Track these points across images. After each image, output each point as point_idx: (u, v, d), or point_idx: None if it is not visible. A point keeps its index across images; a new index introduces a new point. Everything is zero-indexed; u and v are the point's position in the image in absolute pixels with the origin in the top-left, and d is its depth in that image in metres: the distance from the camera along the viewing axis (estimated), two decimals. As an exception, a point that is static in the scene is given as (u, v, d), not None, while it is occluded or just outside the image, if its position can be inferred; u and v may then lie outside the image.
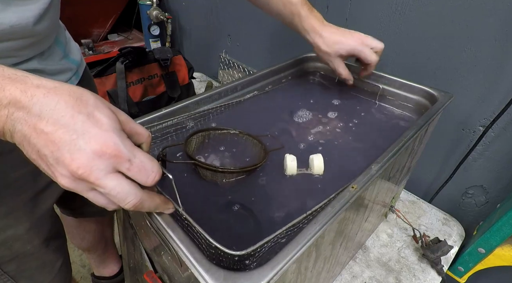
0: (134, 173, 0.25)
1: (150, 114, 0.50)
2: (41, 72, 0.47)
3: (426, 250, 0.68)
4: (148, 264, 0.47)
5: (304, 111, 0.62)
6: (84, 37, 1.56)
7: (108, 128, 0.24)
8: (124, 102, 1.14)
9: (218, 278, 0.27)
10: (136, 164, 0.25)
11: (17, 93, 0.23)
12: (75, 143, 0.23)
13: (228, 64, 1.43)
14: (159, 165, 0.27)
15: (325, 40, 0.58)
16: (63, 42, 0.54)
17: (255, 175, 0.46)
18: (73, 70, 0.55)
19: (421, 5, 0.73)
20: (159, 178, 0.27)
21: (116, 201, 0.25)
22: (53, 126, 0.23)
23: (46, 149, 0.23)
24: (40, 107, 0.23)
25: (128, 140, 0.26)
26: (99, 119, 0.24)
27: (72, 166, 0.23)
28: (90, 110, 0.24)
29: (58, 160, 0.23)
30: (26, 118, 0.23)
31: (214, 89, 0.58)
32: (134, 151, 0.25)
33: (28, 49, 0.43)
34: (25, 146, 0.24)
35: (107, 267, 0.97)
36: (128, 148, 0.25)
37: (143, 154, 0.26)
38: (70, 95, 0.24)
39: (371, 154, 0.51)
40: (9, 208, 0.48)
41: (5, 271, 0.52)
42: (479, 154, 0.76)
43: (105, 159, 0.23)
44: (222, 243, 0.28)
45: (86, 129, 0.23)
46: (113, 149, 0.24)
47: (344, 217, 0.41)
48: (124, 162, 0.24)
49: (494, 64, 0.67)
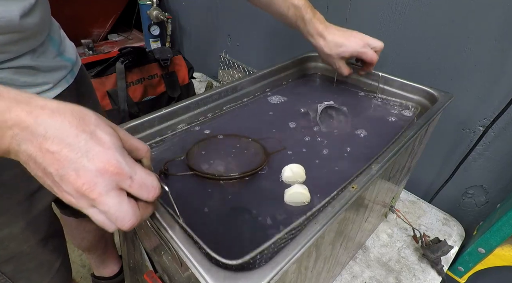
0: (136, 190, 0.26)
1: (150, 115, 0.50)
2: (35, 69, 0.47)
3: (426, 250, 0.68)
4: (148, 264, 0.47)
5: (304, 112, 0.62)
6: (84, 37, 1.56)
7: (110, 146, 0.25)
8: (124, 102, 1.14)
9: (218, 278, 0.27)
10: (137, 181, 0.26)
11: (22, 114, 0.24)
12: (79, 161, 0.24)
13: (228, 64, 1.43)
14: (158, 179, 0.28)
15: (328, 43, 0.59)
16: (57, 40, 0.54)
17: (259, 177, 0.46)
18: (68, 68, 0.55)
19: (421, 5, 0.73)
20: (159, 192, 0.28)
21: (114, 220, 0.26)
22: (58, 146, 0.24)
23: (52, 167, 0.24)
24: (45, 128, 0.24)
25: (129, 157, 0.26)
26: (101, 138, 0.25)
27: (77, 183, 0.24)
28: (92, 129, 0.25)
29: (63, 177, 0.24)
30: (31, 139, 0.24)
31: (214, 89, 0.58)
32: (135, 168, 0.26)
33: (18, 45, 0.43)
34: (31, 164, 0.25)
35: (107, 267, 0.97)
36: (129, 165, 0.26)
37: (143, 170, 0.27)
38: (73, 115, 0.25)
39: (371, 154, 0.51)
40: (3, 208, 0.48)
41: (3, 272, 0.51)
42: (479, 154, 0.76)
43: (108, 176, 0.24)
44: (226, 246, 0.28)
45: (89, 148, 0.24)
46: (115, 166, 0.25)
47: (344, 217, 0.41)
48: (126, 179, 0.25)
49: (494, 64, 0.67)
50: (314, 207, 0.38)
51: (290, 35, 1.11)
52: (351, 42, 0.59)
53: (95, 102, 0.69)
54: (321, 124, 0.58)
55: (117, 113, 1.14)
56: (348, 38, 0.59)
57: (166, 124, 0.52)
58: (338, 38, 0.59)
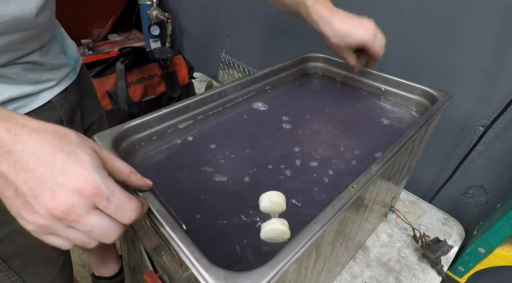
0: (112, 211, 0.25)
1: (150, 115, 0.50)
2: (42, 66, 0.48)
3: (426, 250, 0.68)
4: (148, 264, 0.47)
5: (304, 112, 0.62)
6: (84, 37, 1.56)
7: (89, 166, 0.24)
8: (124, 102, 1.14)
9: (218, 278, 0.27)
10: (114, 202, 0.25)
11: (1, 131, 0.23)
12: (56, 180, 0.23)
13: (228, 64, 1.43)
14: (138, 203, 0.27)
15: (336, 32, 0.54)
16: (60, 38, 0.55)
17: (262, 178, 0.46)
18: (71, 66, 0.56)
19: (421, 5, 0.73)
20: (137, 216, 0.27)
21: (98, 237, 0.25)
22: (33, 164, 0.23)
23: (25, 187, 0.23)
24: (22, 146, 0.23)
25: (109, 178, 0.26)
26: (80, 157, 0.24)
27: (53, 204, 0.23)
28: (72, 148, 0.24)
29: (37, 197, 0.23)
30: (6, 156, 0.23)
31: (214, 89, 0.58)
32: (114, 189, 0.25)
33: (29, 42, 0.44)
34: (1, 183, 0.24)
35: (107, 267, 0.97)
36: (107, 186, 0.25)
37: (123, 193, 0.26)
38: (53, 135, 0.24)
39: (371, 154, 0.51)
40: None
41: (10, 267, 0.52)
42: (479, 154, 0.76)
43: (84, 196, 0.24)
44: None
45: (67, 167, 0.23)
46: (92, 186, 0.24)
47: (344, 217, 0.41)
48: (103, 200, 0.24)
49: (494, 64, 0.67)
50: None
51: (290, 36, 1.11)
52: (361, 30, 0.53)
53: (96, 101, 0.69)
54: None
55: (117, 113, 1.14)
56: (358, 25, 0.54)
57: (166, 124, 0.52)
58: (347, 25, 0.53)
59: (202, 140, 0.52)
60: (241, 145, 0.52)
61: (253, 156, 0.50)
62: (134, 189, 0.34)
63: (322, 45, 0.98)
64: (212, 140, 0.52)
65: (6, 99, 0.44)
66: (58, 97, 0.53)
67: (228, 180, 0.45)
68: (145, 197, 0.34)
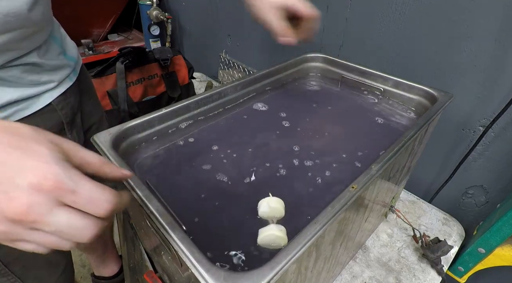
0: (82, 205, 0.23)
1: (150, 114, 0.50)
2: (41, 67, 0.48)
3: (426, 250, 0.68)
4: (148, 264, 0.47)
5: (304, 112, 0.62)
6: (84, 37, 1.56)
7: (48, 159, 0.22)
8: (124, 102, 1.14)
9: (218, 278, 0.27)
10: (83, 195, 0.22)
11: None
12: (11, 181, 0.21)
13: (228, 64, 1.43)
14: (115, 193, 0.24)
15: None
16: (59, 38, 0.54)
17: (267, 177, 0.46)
18: (71, 67, 0.56)
19: (421, 5, 0.73)
20: (114, 207, 0.24)
21: (71, 237, 0.23)
22: None
23: None
24: None
25: (74, 170, 0.23)
26: (36, 152, 0.22)
27: (9, 207, 0.20)
28: (26, 144, 0.22)
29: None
30: None
31: (214, 89, 0.58)
32: (80, 181, 0.23)
33: (26, 41, 0.44)
34: None
35: (107, 267, 0.97)
36: (71, 178, 0.22)
37: (92, 183, 0.23)
38: (5, 132, 0.22)
39: (371, 154, 0.51)
40: None
41: (12, 271, 0.51)
42: (479, 154, 0.76)
43: (44, 192, 0.21)
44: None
45: (23, 164, 0.21)
46: (52, 180, 0.21)
47: (344, 217, 0.41)
48: (68, 194, 0.22)
49: (494, 64, 0.67)
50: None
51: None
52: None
53: (96, 102, 0.69)
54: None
55: (117, 113, 1.14)
56: None
57: (166, 124, 0.52)
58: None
59: (202, 140, 0.52)
60: (241, 145, 0.52)
61: (253, 156, 0.50)
62: (110, 181, 0.29)
63: (322, 45, 0.99)
64: (212, 141, 0.52)
65: (6, 103, 0.44)
66: (59, 99, 0.52)
67: (228, 180, 0.45)
68: (142, 195, 0.34)
